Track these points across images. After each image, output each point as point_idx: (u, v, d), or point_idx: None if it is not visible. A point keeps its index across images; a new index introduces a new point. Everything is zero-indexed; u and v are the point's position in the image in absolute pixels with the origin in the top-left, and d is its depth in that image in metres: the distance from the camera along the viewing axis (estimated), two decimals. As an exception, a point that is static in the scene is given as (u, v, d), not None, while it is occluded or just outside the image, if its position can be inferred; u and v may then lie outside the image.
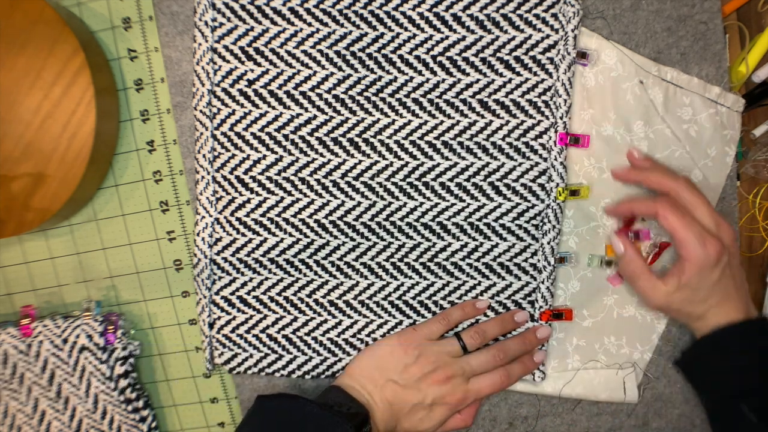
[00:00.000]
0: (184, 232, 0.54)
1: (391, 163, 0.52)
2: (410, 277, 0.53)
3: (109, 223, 0.54)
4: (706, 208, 0.47)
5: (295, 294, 0.53)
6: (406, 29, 0.51)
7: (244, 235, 0.52)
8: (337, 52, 0.51)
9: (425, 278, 0.53)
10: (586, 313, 0.54)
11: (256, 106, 0.51)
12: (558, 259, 0.52)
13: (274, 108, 0.51)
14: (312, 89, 0.51)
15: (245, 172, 0.52)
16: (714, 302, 0.47)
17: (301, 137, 0.51)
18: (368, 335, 0.53)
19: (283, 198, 0.52)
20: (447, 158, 0.52)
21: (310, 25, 0.50)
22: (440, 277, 0.53)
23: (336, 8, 0.50)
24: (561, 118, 0.51)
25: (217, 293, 0.53)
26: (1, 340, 0.52)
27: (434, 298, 0.53)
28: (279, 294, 0.53)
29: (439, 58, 0.51)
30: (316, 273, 0.53)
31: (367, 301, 0.53)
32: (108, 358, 0.52)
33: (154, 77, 0.53)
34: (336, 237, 0.52)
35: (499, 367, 0.50)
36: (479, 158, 0.52)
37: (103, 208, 0.54)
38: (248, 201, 0.52)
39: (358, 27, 0.51)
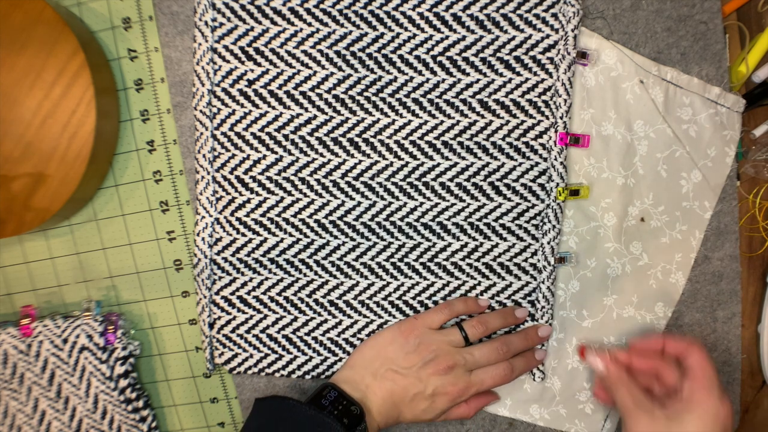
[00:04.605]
0: (184, 232, 0.54)
1: (391, 163, 0.52)
2: (410, 277, 0.53)
3: (109, 223, 0.54)
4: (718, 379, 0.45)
5: (295, 294, 0.53)
6: (406, 29, 0.51)
7: (244, 235, 0.52)
8: (337, 52, 0.51)
9: (425, 278, 0.53)
10: (585, 313, 0.54)
11: (256, 106, 0.51)
12: (558, 259, 0.52)
13: (274, 108, 0.51)
14: (312, 89, 0.51)
15: (245, 172, 0.52)
16: None
17: (301, 137, 0.51)
18: (368, 335, 0.53)
19: (283, 198, 0.52)
20: (447, 158, 0.52)
21: (310, 25, 0.50)
22: (440, 277, 0.53)
23: (336, 8, 0.50)
24: (561, 118, 0.51)
25: (217, 293, 0.53)
26: (1, 340, 0.52)
27: (434, 298, 0.53)
28: (279, 294, 0.53)
29: (439, 58, 0.51)
30: (316, 273, 0.53)
31: (367, 301, 0.53)
32: (108, 358, 0.52)
33: (154, 77, 0.53)
34: (336, 237, 0.52)
35: (501, 360, 0.50)
36: (479, 158, 0.52)
37: (103, 208, 0.54)
38: (248, 201, 0.52)
39: (358, 27, 0.51)
